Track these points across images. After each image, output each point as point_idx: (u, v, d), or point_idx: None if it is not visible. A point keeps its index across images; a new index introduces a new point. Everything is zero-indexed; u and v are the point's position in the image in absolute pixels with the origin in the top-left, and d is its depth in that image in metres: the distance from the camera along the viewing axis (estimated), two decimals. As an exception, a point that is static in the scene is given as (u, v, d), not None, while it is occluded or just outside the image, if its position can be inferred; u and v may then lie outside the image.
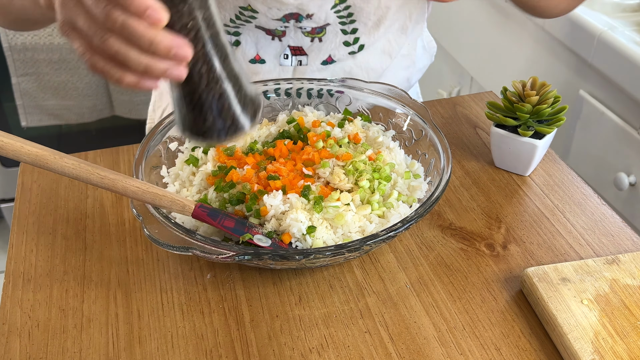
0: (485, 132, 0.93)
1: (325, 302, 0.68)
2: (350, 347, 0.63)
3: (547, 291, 0.65)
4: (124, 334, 0.65)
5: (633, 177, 1.13)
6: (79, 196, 0.82)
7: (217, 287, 0.69)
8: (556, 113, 0.82)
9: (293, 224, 0.67)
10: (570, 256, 0.73)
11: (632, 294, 0.66)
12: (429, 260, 0.72)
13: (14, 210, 0.80)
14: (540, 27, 1.33)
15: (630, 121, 1.14)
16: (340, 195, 0.70)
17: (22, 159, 0.62)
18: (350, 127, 0.81)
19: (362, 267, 0.72)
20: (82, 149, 0.90)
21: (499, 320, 0.66)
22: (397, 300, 0.68)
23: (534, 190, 0.83)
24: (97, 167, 0.64)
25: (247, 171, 0.72)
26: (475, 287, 0.69)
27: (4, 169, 1.94)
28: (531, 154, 0.82)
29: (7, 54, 1.75)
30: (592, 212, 0.79)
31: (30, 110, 1.87)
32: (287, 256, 0.63)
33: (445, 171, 0.73)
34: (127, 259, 0.73)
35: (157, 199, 0.65)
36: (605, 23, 1.18)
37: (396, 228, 0.65)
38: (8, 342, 0.64)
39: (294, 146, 0.78)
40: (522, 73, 1.45)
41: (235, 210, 0.70)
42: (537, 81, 0.83)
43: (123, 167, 0.87)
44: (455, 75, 1.80)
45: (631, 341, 0.61)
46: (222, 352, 0.63)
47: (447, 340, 0.64)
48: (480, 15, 1.57)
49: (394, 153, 0.79)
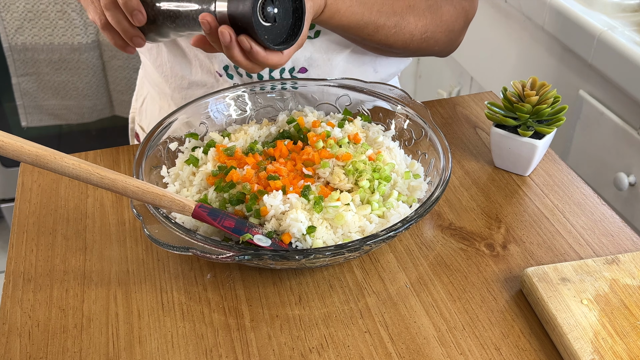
0: (485, 132, 0.93)
1: (325, 302, 0.68)
2: (350, 347, 0.63)
3: (547, 291, 0.65)
4: (124, 334, 0.65)
5: (633, 177, 1.13)
6: (79, 196, 0.82)
7: (217, 287, 0.69)
8: (556, 113, 0.82)
9: (293, 224, 0.67)
10: (570, 256, 0.73)
11: (631, 294, 0.66)
12: (429, 260, 0.72)
13: (14, 210, 0.80)
14: (540, 27, 1.33)
15: (630, 121, 1.14)
16: (340, 195, 0.70)
17: (23, 159, 0.62)
18: (350, 127, 0.81)
19: (362, 267, 0.72)
20: (82, 149, 0.90)
21: (499, 320, 0.66)
22: (397, 300, 0.68)
23: (533, 190, 0.83)
24: (97, 167, 0.64)
25: (247, 171, 0.72)
26: (475, 287, 0.69)
27: (4, 169, 1.95)
28: (531, 154, 0.82)
29: (7, 54, 1.75)
30: (592, 212, 0.79)
31: (30, 110, 1.87)
32: (287, 256, 0.63)
33: (445, 171, 0.73)
34: (127, 259, 0.73)
35: (157, 199, 0.65)
36: (605, 23, 1.18)
37: (396, 228, 0.65)
38: (8, 342, 0.64)
39: (294, 146, 0.78)
40: (522, 73, 1.45)
41: (235, 210, 0.70)
42: (537, 81, 0.83)
43: (123, 167, 0.87)
44: (455, 75, 1.80)
45: (631, 341, 0.61)
46: (222, 352, 0.63)
47: (447, 340, 0.64)
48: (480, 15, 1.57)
49: (394, 153, 0.79)
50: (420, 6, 0.88)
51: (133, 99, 1.13)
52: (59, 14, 1.72)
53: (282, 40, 0.70)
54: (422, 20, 0.88)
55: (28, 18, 1.71)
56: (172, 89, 0.96)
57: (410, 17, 0.87)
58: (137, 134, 1.11)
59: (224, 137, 0.80)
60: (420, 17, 0.88)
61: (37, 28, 1.72)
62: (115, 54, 1.81)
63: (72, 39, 1.75)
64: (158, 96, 1.01)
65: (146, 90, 1.07)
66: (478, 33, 1.61)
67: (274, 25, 0.69)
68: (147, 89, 1.06)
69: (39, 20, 1.71)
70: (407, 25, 0.87)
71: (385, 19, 0.85)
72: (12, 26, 1.71)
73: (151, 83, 1.01)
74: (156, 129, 0.78)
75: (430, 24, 0.89)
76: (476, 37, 1.63)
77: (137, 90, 1.12)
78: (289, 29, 0.71)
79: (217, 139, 0.80)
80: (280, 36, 0.70)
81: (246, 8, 0.66)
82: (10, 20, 1.70)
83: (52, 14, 1.71)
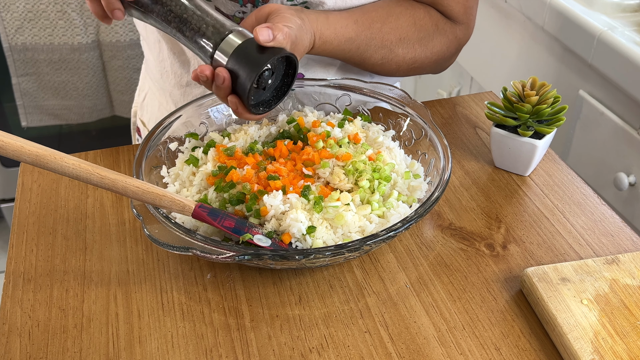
0: (485, 132, 0.93)
1: (325, 302, 0.68)
2: (350, 347, 0.63)
3: (547, 291, 0.65)
4: (124, 334, 0.65)
5: (633, 177, 1.13)
6: (79, 196, 0.82)
7: (217, 287, 0.69)
8: (556, 113, 0.82)
9: (293, 224, 0.67)
10: (570, 256, 0.73)
11: (631, 293, 0.66)
12: (429, 260, 0.72)
13: (14, 210, 0.80)
14: (540, 27, 1.33)
15: (630, 121, 1.14)
16: (340, 195, 0.70)
17: (23, 159, 0.62)
18: (350, 127, 0.81)
19: (362, 267, 0.72)
20: (82, 149, 0.90)
21: (499, 320, 0.66)
22: (397, 300, 0.68)
23: (533, 190, 0.83)
24: (97, 167, 0.64)
25: (247, 171, 0.72)
26: (475, 287, 0.69)
27: (4, 169, 1.94)
28: (531, 154, 0.82)
29: (7, 54, 1.75)
30: (592, 212, 0.79)
31: (30, 110, 1.87)
32: (287, 256, 0.63)
33: (445, 171, 0.73)
34: (127, 259, 0.73)
35: (157, 199, 0.65)
36: (605, 23, 1.18)
37: (396, 228, 0.65)
38: (8, 342, 0.64)
39: (294, 146, 0.78)
40: (521, 73, 1.45)
41: (235, 210, 0.70)
42: (537, 81, 0.83)
43: (123, 167, 0.87)
44: (455, 75, 1.80)
45: (631, 341, 0.61)
46: (222, 352, 0.63)
47: (447, 340, 0.64)
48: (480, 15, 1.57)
49: (394, 153, 0.79)
50: (411, 38, 0.88)
51: (136, 94, 1.15)
52: (59, 14, 1.72)
53: (265, 98, 0.72)
54: (411, 53, 0.88)
55: (28, 18, 1.71)
56: (171, 86, 0.96)
57: (399, 49, 0.87)
58: (138, 129, 1.12)
59: (224, 137, 0.80)
60: (409, 49, 0.88)
61: (37, 28, 1.72)
62: (115, 54, 1.81)
63: (72, 39, 1.75)
64: (158, 92, 1.02)
65: (147, 85, 1.08)
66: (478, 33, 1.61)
67: (262, 90, 0.71)
68: (148, 85, 1.07)
69: (39, 20, 1.71)
70: (394, 57, 0.88)
71: (373, 52, 0.86)
72: (12, 26, 1.71)
73: (152, 78, 1.02)
74: (156, 129, 0.78)
75: (420, 55, 0.89)
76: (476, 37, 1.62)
77: (139, 85, 1.13)
78: (275, 89, 0.73)
79: (217, 139, 0.80)
80: (265, 95, 0.72)
81: (245, 76, 0.68)
82: (10, 20, 1.70)
83: (52, 14, 1.71)
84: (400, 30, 0.86)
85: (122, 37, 1.77)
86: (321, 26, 0.80)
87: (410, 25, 0.87)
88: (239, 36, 0.69)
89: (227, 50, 0.69)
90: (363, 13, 0.85)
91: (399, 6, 0.88)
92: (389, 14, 0.86)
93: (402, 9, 0.87)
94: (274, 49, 0.69)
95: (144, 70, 1.09)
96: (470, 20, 0.92)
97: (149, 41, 0.97)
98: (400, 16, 0.87)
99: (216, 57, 0.69)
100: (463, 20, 0.91)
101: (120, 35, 1.77)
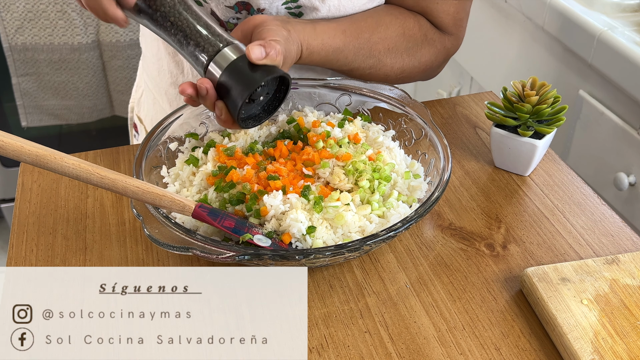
0: (485, 132, 0.93)
1: (325, 302, 0.68)
2: (350, 347, 0.63)
3: (547, 291, 0.65)
4: (124, 334, 0.64)
5: (633, 177, 1.13)
6: (79, 196, 0.82)
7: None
8: (556, 113, 0.82)
9: (293, 224, 0.67)
10: (570, 256, 0.73)
11: (631, 293, 0.66)
12: (429, 260, 0.72)
13: (14, 210, 0.80)
14: (540, 27, 1.33)
15: (630, 121, 1.14)
16: (340, 195, 0.70)
17: (23, 159, 0.62)
18: (350, 127, 0.81)
19: (362, 267, 0.72)
20: (82, 149, 0.90)
21: (499, 320, 0.66)
22: (397, 300, 0.68)
23: (533, 190, 0.83)
24: (97, 167, 0.64)
25: (247, 171, 0.72)
26: (475, 287, 0.69)
27: (4, 169, 1.94)
28: (531, 154, 0.82)
29: (7, 54, 1.75)
30: (592, 212, 0.79)
31: (30, 110, 1.87)
32: (287, 256, 0.63)
33: (445, 171, 0.73)
34: (127, 259, 0.73)
35: (157, 199, 0.65)
36: (605, 23, 1.18)
37: (396, 228, 0.65)
38: (8, 342, 0.64)
39: (294, 146, 0.78)
40: (522, 73, 1.45)
41: (235, 210, 0.70)
42: (537, 81, 0.83)
43: (123, 167, 0.87)
44: (455, 75, 1.80)
45: (631, 341, 0.61)
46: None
47: (447, 340, 0.64)
48: (480, 15, 1.58)
49: (394, 153, 0.79)
50: (400, 48, 0.88)
51: (133, 90, 1.15)
52: (59, 14, 1.72)
53: (256, 112, 0.73)
54: (400, 62, 0.88)
55: (28, 18, 1.71)
56: (167, 84, 0.96)
57: (387, 59, 0.87)
58: (134, 124, 1.12)
59: (224, 137, 0.80)
60: (398, 58, 0.88)
61: (37, 28, 1.72)
62: (115, 53, 1.81)
63: (72, 39, 1.75)
64: (154, 89, 1.02)
65: (144, 82, 1.08)
66: (478, 33, 1.61)
67: (252, 102, 0.71)
68: (145, 81, 1.07)
69: (39, 20, 1.71)
70: (383, 67, 0.88)
71: (361, 62, 0.86)
72: (12, 26, 1.71)
73: (149, 75, 1.02)
74: (156, 129, 0.78)
75: (408, 65, 0.89)
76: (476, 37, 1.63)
77: (136, 82, 1.13)
78: (266, 103, 0.73)
79: (217, 139, 0.80)
80: (255, 108, 0.73)
81: (237, 93, 0.68)
82: (10, 20, 1.70)
83: (52, 14, 1.71)
84: (388, 40, 0.87)
85: (122, 37, 1.77)
86: (308, 37, 0.80)
87: (399, 35, 0.87)
88: (234, 51, 0.69)
89: (221, 64, 0.69)
90: (352, 22, 0.85)
91: (388, 15, 0.88)
92: (378, 23, 0.86)
93: (391, 18, 0.87)
94: (268, 68, 0.69)
95: (141, 67, 1.09)
96: (459, 32, 0.93)
97: (147, 38, 0.97)
98: (390, 26, 0.87)
99: (210, 69, 0.69)
100: (453, 31, 0.91)
101: (120, 35, 1.77)
